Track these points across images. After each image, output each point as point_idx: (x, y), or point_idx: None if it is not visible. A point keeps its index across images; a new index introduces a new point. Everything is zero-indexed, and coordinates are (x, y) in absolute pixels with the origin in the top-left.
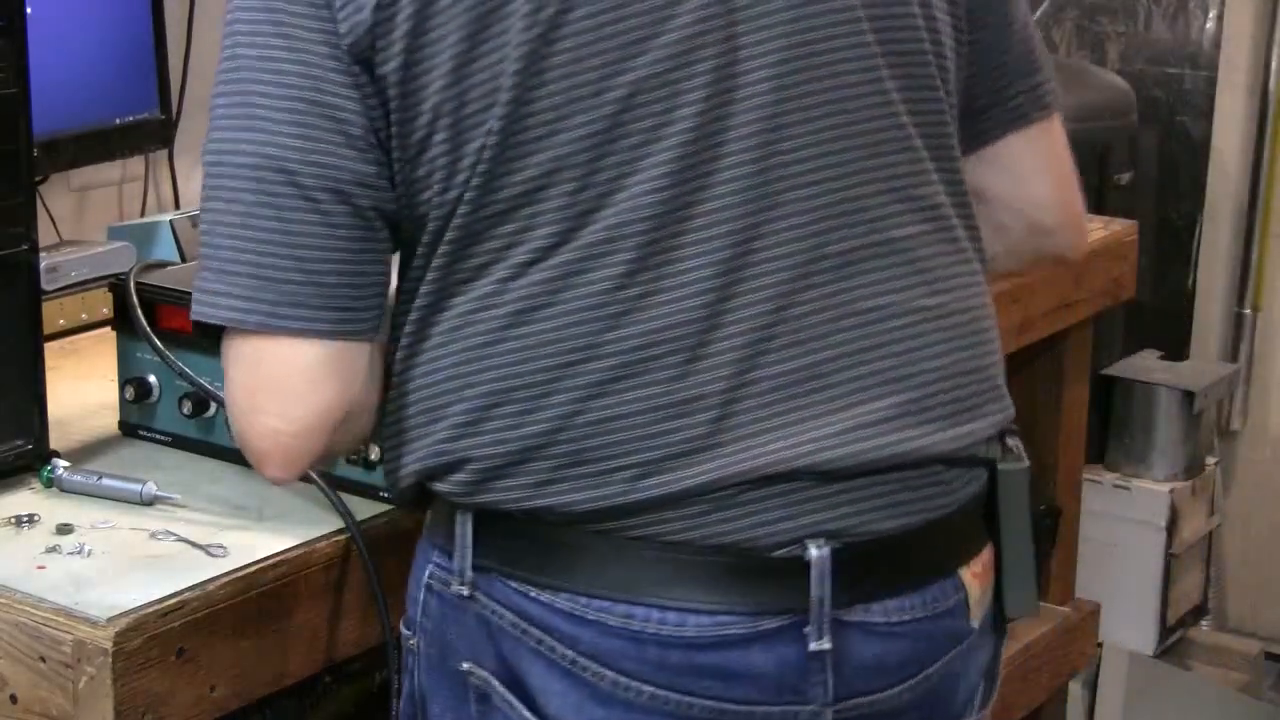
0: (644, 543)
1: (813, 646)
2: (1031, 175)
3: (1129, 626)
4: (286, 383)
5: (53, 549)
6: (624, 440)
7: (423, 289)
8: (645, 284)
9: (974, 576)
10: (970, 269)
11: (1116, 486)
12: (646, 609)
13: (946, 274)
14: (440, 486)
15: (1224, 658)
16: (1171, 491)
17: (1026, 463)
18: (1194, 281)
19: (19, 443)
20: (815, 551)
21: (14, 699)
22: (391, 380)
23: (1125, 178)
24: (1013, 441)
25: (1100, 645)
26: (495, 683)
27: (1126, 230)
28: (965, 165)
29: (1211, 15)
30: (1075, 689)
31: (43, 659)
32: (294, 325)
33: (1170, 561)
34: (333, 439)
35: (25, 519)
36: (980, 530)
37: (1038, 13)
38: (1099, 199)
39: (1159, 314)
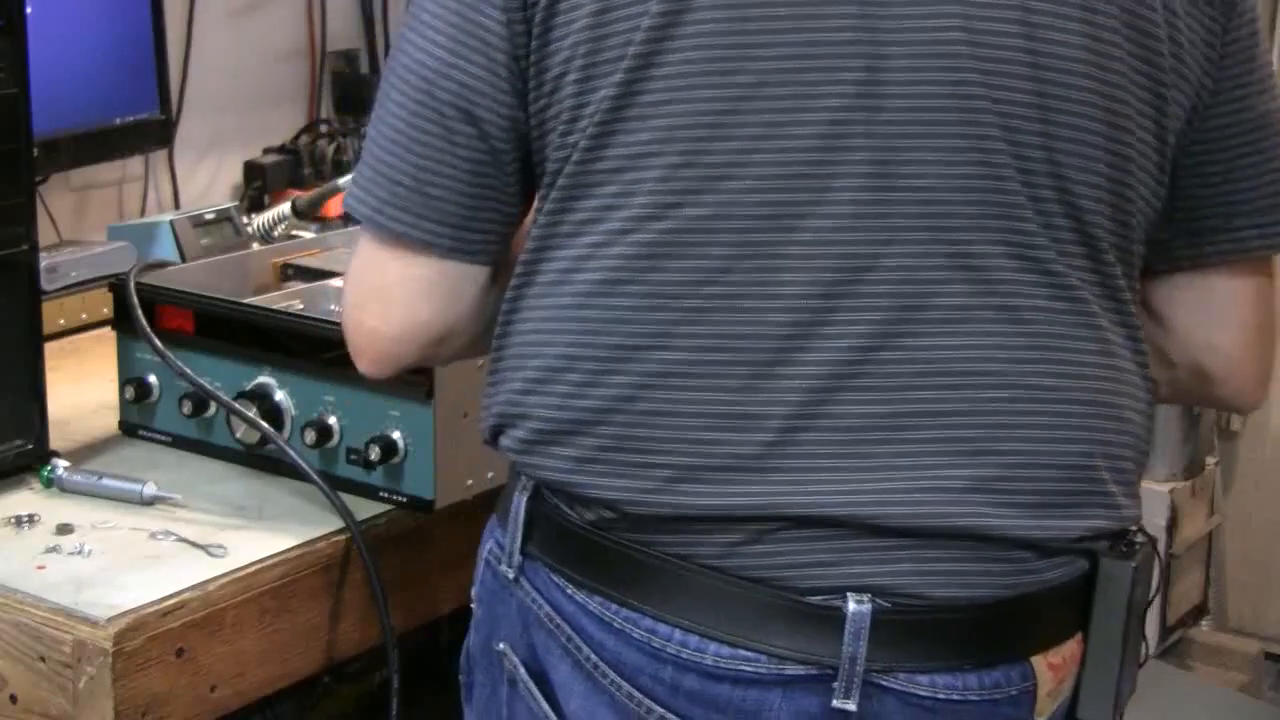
0: (681, 561)
1: (836, 703)
2: (1217, 316)
3: None
4: (392, 290)
5: (53, 549)
6: (669, 438)
7: (534, 233)
8: (735, 285)
9: (1050, 667)
10: (1111, 363)
11: None
12: (670, 628)
13: (1076, 359)
14: (505, 441)
15: (1224, 658)
16: (1171, 491)
17: (1134, 562)
18: None
19: (19, 443)
20: (854, 605)
21: (14, 699)
22: (499, 319)
23: None
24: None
25: None
26: (522, 671)
27: None
28: (1156, 282)
29: None
30: None
31: (43, 659)
32: (406, 233)
33: (1170, 561)
34: (429, 352)
35: (25, 519)
36: (1069, 620)
37: None
38: None
39: None
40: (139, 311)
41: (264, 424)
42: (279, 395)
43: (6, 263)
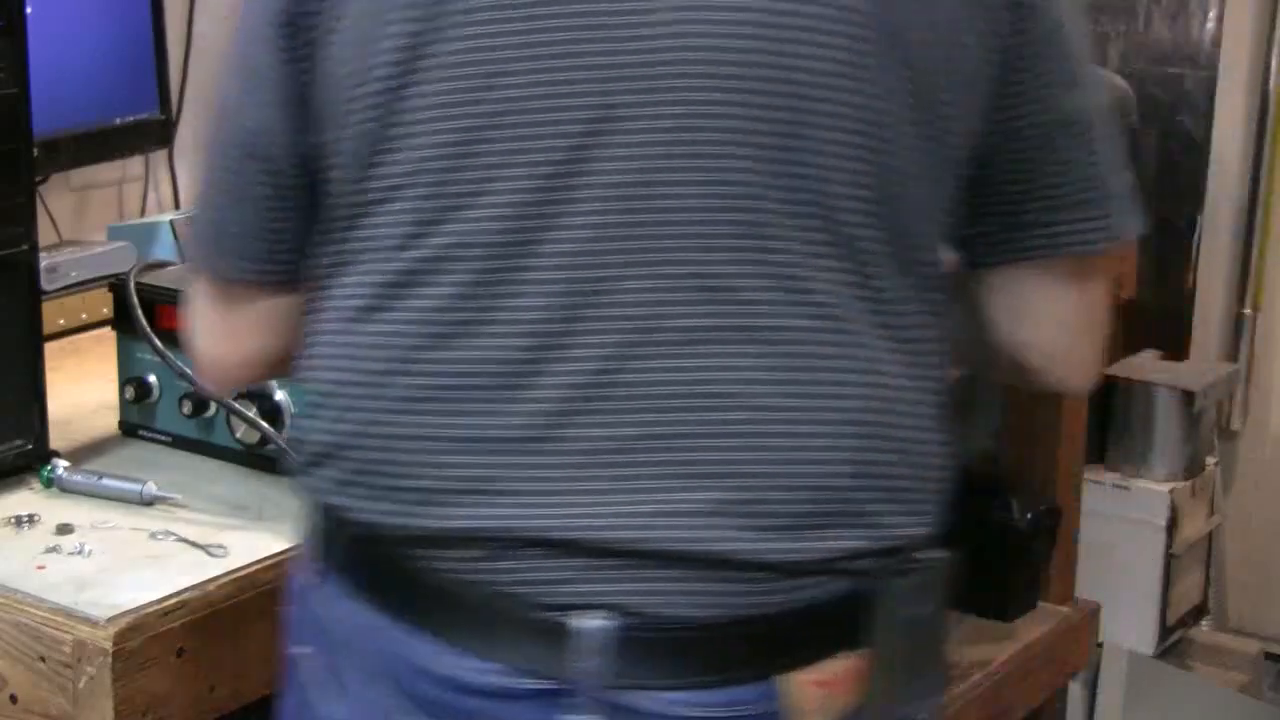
0: (436, 575)
1: (567, 718)
2: (1030, 314)
3: (1129, 626)
4: (208, 320)
5: (53, 549)
6: (415, 463)
7: (323, 261)
8: (476, 311)
9: (817, 684)
10: (877, 380)
11: (1116, 486)
12: (429, 642)
13: (828, 378)
14: (297, 460)
15: (1224, 658)
16: (1171, 491)
17: (905, 581)
18: (1194, 281)
19: (19, 443)
20: (590, 623)
21: (14, 699)
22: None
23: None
24: (915, 551)
25: (1100, 645)
26: (315, 677)
27: None
28: (975, 277)
29: (1211, 15)
30: (1075, 689)
31: (43, 659)
32: (213, 269)
33: (1170, 561)
34: (257, 374)
35: (25, 519)
36: (834, 637)
37: None
38: None
39: (1159, 314)
40: (139, 311)
41: (264, 424)
42: (279, 395)
43: (6, 263)
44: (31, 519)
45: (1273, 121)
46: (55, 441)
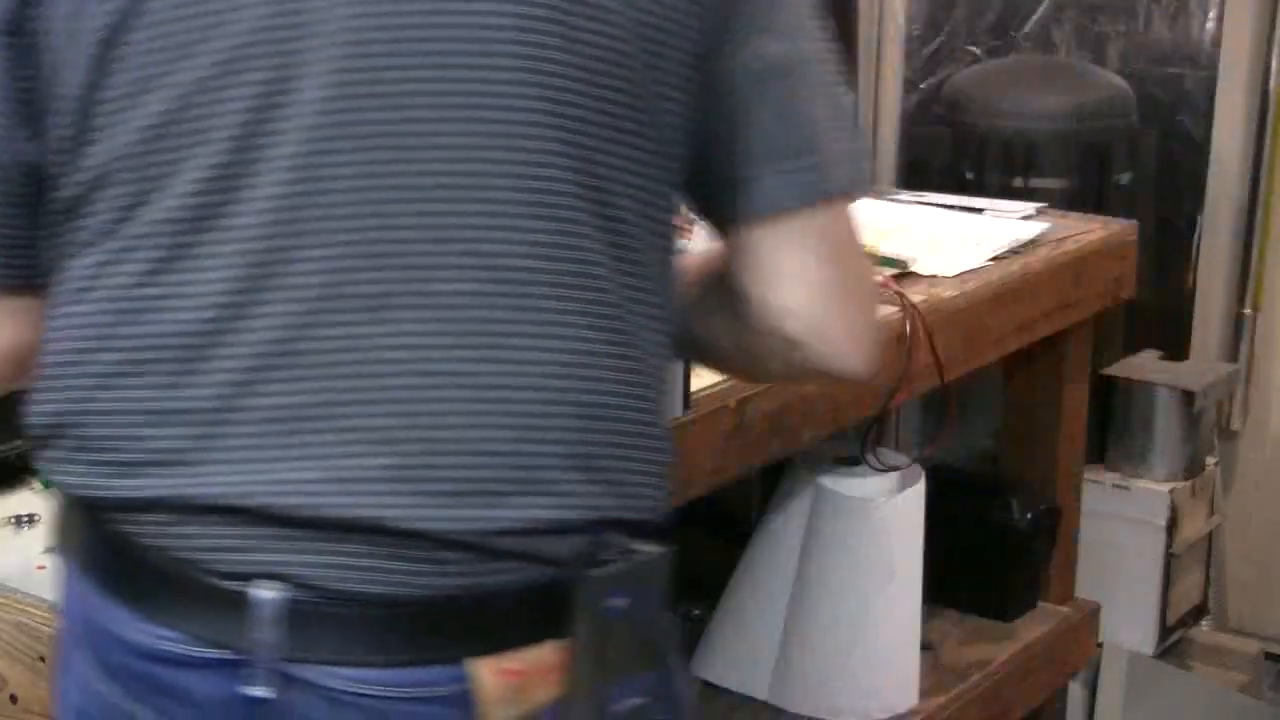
0: (130, 542)
1: (248, 690)
2: (776, 276)
3: (1129, 626)
4: None
5: (53, 549)
6: (117, 436)
7: (52, 254)
8: (167, 286)
9: (503, 673)
10: (571, 346)
11: (1116, 486)
12: (117, 605)
13: (514, 344)
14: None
15: (1224, 658)
16: (1171, 491)
17: (604, 572)
18: (1194, 281)
19: (19, 443)
20: (264, 593)
21: (14, 699)
22: None
23: (1125, 178)
24: (621, 542)
25: (1100, 645)
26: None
27: (1126, 230)
28: (724, 248)
29: (1211, 15)
30: (1075, 689)
31: (42, 659)
32: None
33: (1170, 561)
34: (17, 377)
35: (25, 519)
36: (525, 627)
37: (1038, 12)
38: (1099, 199)
39: (1159, 314)
40: None
41: None
42: None
43: None
44: (31, 519)
45: (1273, 121)
46: None
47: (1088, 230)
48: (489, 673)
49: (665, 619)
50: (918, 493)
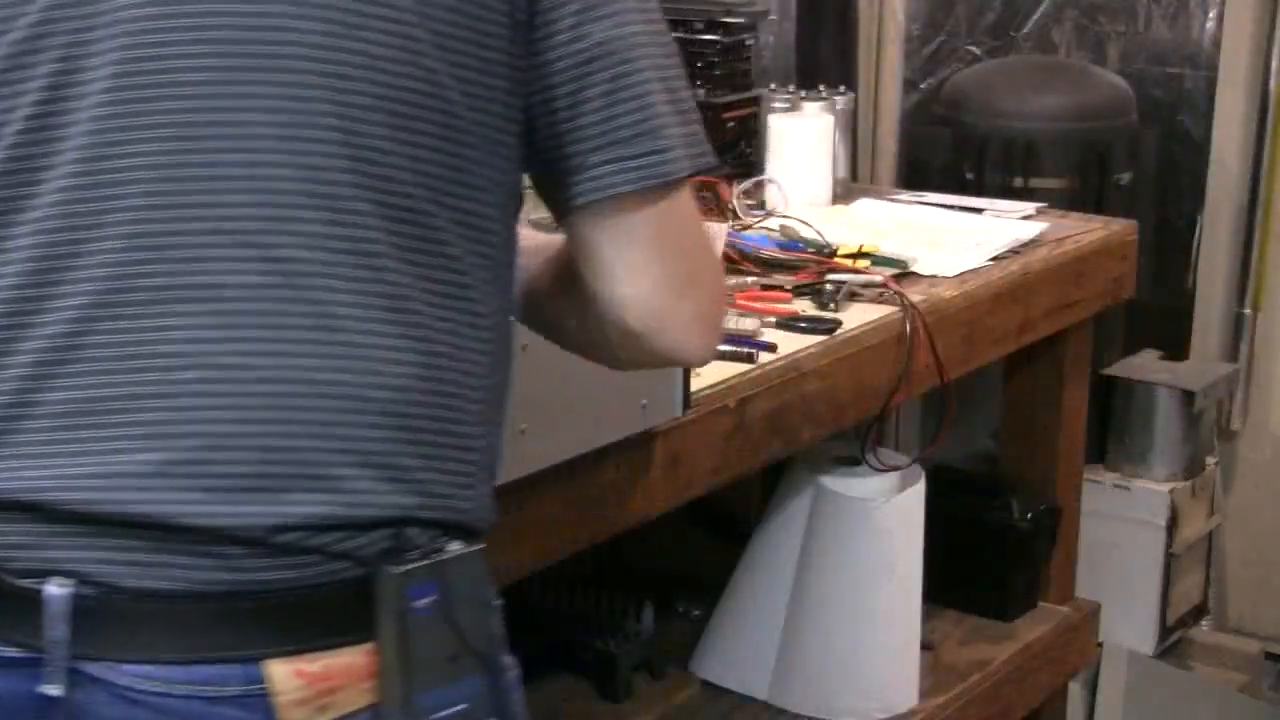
0: None
1: (42, 689)
2: (613, 268)
3: (1129, 626)
4: None
5: None
6: None
7: None
8: None
9: (301, 675)
10: (345, 339)
11: (1116, 486)
12: None
13: (287, 336)
14: None
15: (1224, 658)
16: (1171, 491)
17: (402, 568)
18: (1194, 281)
19: None
20: (55, 590)
21: None
22: None
23: (1125, 178)
24: (427, 540)
25: (1100, 645)
26: None
27: (1126, 230)
28: (565, 233)
29: (1211, 15)
30: (1075, 689)
31: None
32: None
33: (1170, 561)
34: None
35: None
36: (324, 626)
37: (1038, 12)
38: (1099, 199)
39: (1159, 314)
40: None
41: None
42: None
43: None
44: None
45: (1273, 121)
46: None
47: (1088, 230)
48: (285, 674)
49: (488, 620)
50: (918, 493)
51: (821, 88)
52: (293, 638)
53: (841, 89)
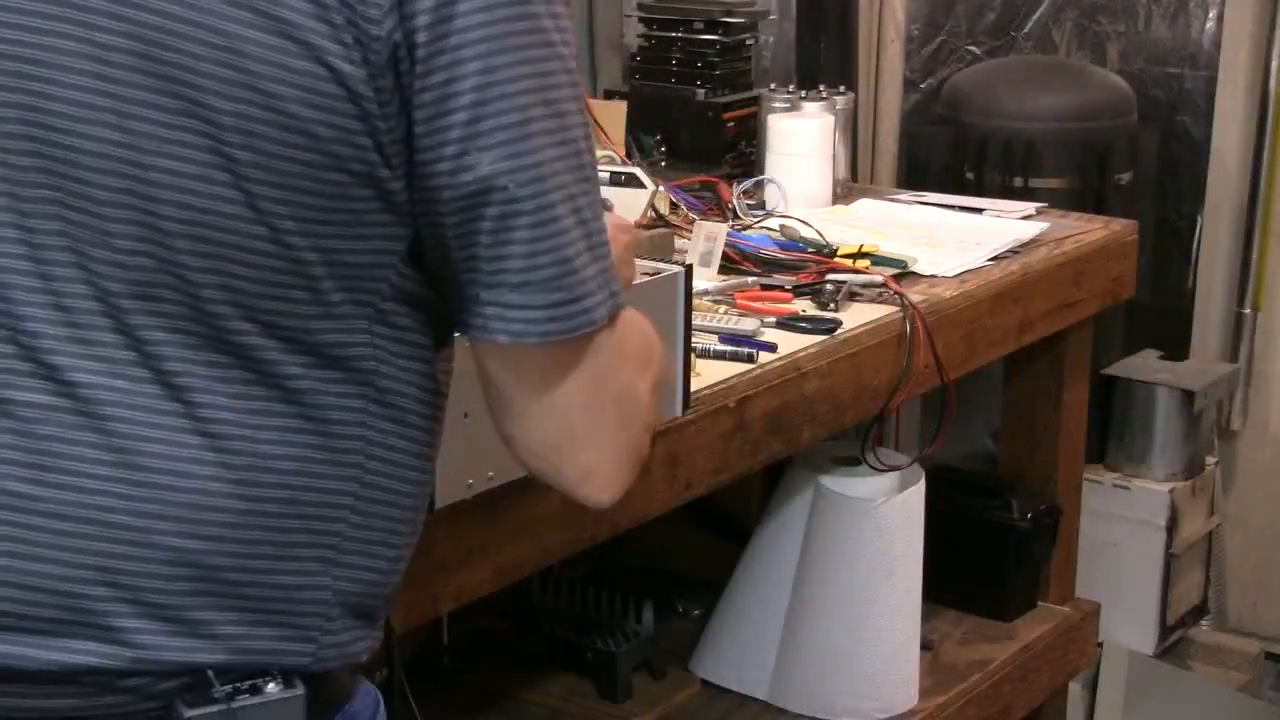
0: None
1: None
2: (509, 409)
3: (1129, 626)
4: None
5: None
6: None
7: None
8: None
9: None
10: (130, 476)
11: (1116, 486)
12: None
13: (78, 469)
14: None
15: (1224, 658)
16: (1171, 491)
17: (204, 713)
18: (1194, 281)
19: None
20: None
21: None
22: None
23: (1125, 178)
24: (234, 685)
25: (1100, 645)
26: None
27: (1126, 230)
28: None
29: (1211, 15)
30: (1075, 689)
31: None
32: None
33: (1170, 561)
34: None
35: None
36: None
37: (1038, 12)
38: (1099, 199)
39: (1159, 314)
40: None
41: None
42: None
43: None
44: None
45: (1273, 121)
46: None
47: (1088, 230)
48: None
49: None
50: (918, 493)
51: (821, 88)
52: None
53: (841, 89)
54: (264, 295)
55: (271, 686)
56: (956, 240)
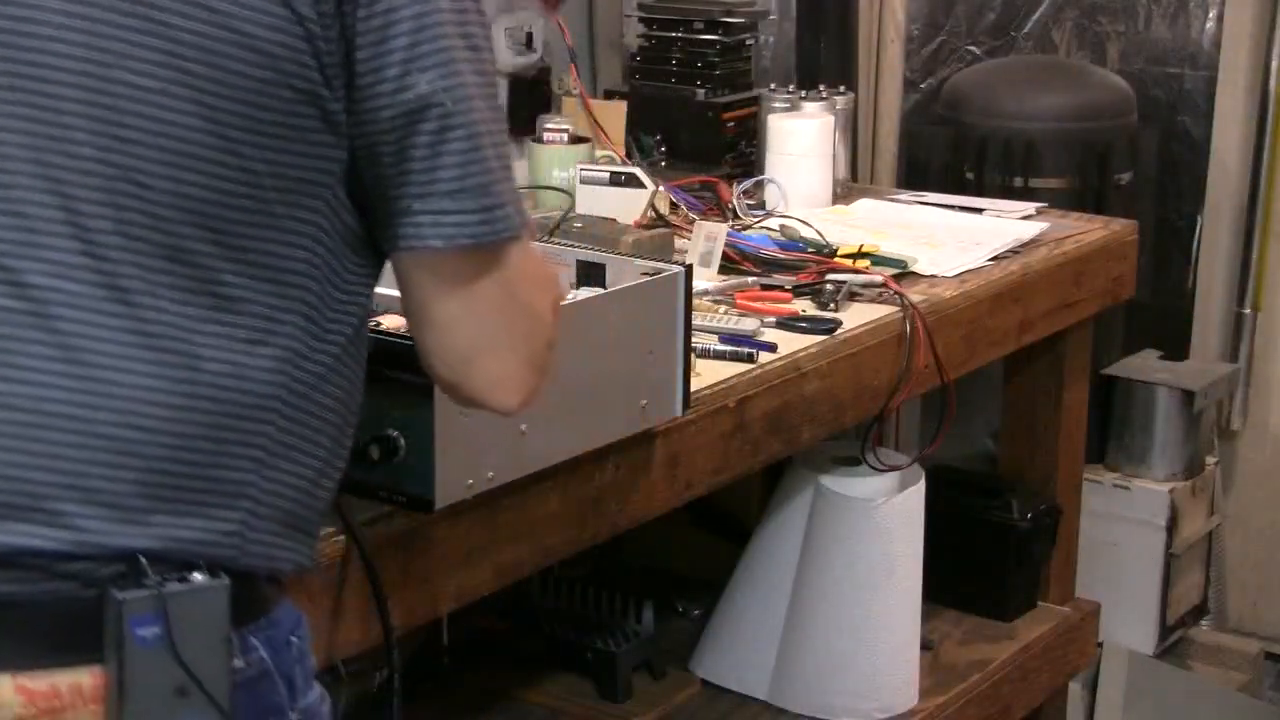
0: None
1: None
2: (425, 318)
3: (1129, 626)
4: None
5: None
6: None
7: None
8: None
9: (23, 691)
10: (80, 372)
11: (1116, 486)
12: None
13: (28, 364)
14: None
15: (1224, 658)
16: (1171, 491)
17: (127, 595)
18: (1194, 281)
19: None
20: None
21: None
22: None
23: (1125, 178)
24: (165, 570)
25: (1100, 645)
26: None
27: (1126, 230)
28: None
29: (1211, 15)
30: (1075, 689)
31: None
32: None
33: (1170, 561)
34: None
35: None
36: (58, 646)
37: (1038, 12)
38: (1099, 199)
39: (1159, 314)
40: None
41: None
42: None
43: None
44: None
45: (1273, 121)
46: None
47: (1088, 230)
48: (7, 689)
49: (224, 659)
50: (918, 493)
51: (821, 88)
52: (15, 653)
53: (841, 89)
54: (215, 203)
55: (198, 576)
56: (956, 240)
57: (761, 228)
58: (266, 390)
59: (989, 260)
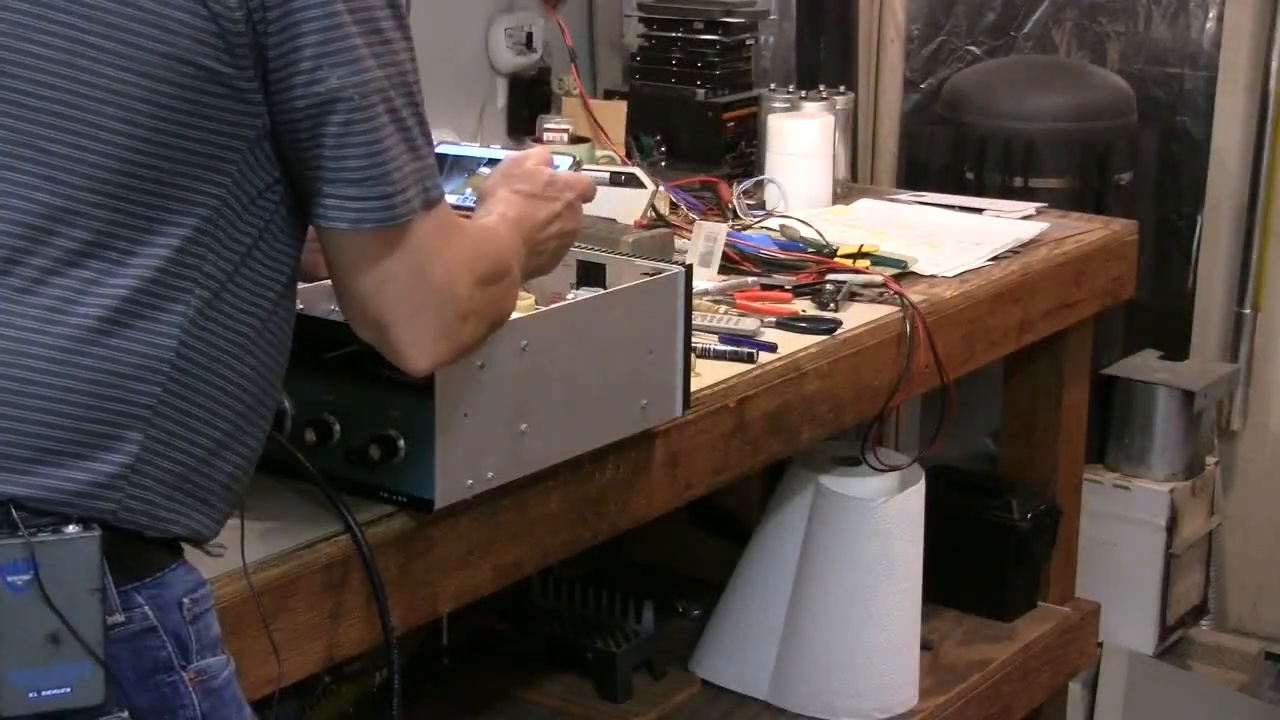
0: None
1: None
2: (341, 287)
3: (1129, 626)
4: None
5: None
6: None
7: None
8: None
9: None
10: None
11: (1116, 486)
12: None
13: None
14: None
15: (1224, 658)
16: (1171, 491)
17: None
18: (1194, 281)
19: None
20: None
21: None
22: None
23: (1125, 178)
24: (34, 520)
25: (1100, 645)
26: None
27: (1126, 230)
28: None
29: (1211, 15)
30: (1075, 689)
31: None
32: None
33: (1170, 561)
34: None
35: None
36: None
37: (1038, 12)
38: (1099, 199)
39: (1159, 314)
40: None
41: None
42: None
43: None
44: None
45: (1273, 121)
46: None
47: (1088, 230)
48: None
49: (98, 610)
50: (918, 493)
51: (821, 88)
52: None
53: (841, 89)
54: (114, 170)
55: (71, 527)
56: (956, 240)
57: (761, 228)
58: (152, 353)
59: (989, 260)
